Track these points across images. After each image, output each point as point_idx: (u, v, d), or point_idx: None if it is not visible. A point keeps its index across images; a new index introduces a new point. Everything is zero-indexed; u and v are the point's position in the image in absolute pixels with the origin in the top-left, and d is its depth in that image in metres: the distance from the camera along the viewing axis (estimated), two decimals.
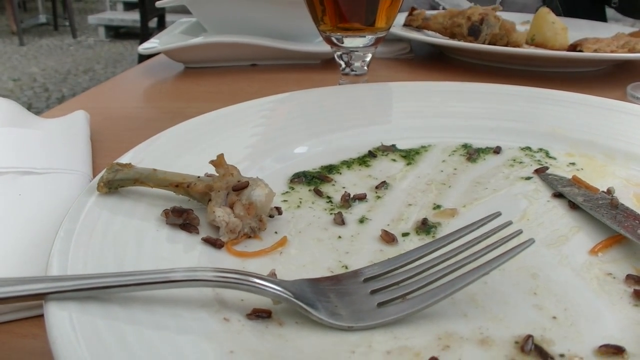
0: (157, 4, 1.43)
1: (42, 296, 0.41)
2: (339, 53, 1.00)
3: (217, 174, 0.58)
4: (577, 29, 1.60)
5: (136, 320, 0.42)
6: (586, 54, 1.32)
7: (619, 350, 0.43)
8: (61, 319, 0.40)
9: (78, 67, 7.87)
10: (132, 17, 9.27)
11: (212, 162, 0.58)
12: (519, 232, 0.50)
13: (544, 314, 0.48)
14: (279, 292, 0.44)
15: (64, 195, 0.65)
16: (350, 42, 0.97)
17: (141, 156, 0.65)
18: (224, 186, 0.57)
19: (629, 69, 1.45)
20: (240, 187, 0.57)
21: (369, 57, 1.00)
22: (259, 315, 0.45)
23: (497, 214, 0.53)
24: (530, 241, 0.48)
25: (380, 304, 0.46)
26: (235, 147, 0.71)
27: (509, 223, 0.52)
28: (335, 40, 0.98)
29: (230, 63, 1.38)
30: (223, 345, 0.41)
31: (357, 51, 0.98)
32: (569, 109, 0.88)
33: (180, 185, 0.58)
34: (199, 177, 0.59)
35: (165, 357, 0.39)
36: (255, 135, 0.76)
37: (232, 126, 0.77)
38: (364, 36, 0.96)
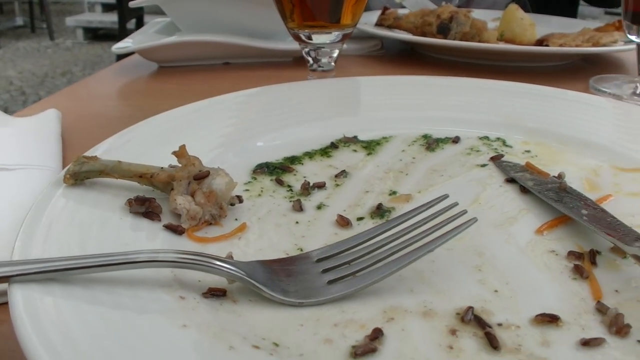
0: (131, 4, 1.44)
1: (6, 279, 0.43)
2: (306, 49, 1.02)
3: (180, 165, 0.60)
4: (546, 25, 1.63)
5: (97, 301, 0.44)
6: (552, 48, 1.35)
7: (553, 318, 0.46)
8: (24, 300, 0.42)
9: (56, 70, 7.82)
10: (111, 19, 9.21)
11: (174, 152, 0.61)
12: (464, 212, 0.53)
13: (486, 288, 0.50)
14: (232, 272, 0.47)
15: (34, 189, 0.67)
16: (317, 38, 0.99)
17: (106, 149, 0.67)
18: (185, 176, 0.59)
19: (594, 63, 1.48)
20: (201, 176, 0.59)
21: (336, 53, 1.02)
22: (214, 293, 0.47)
23: (445, 196, 0.56)
24: (473, 220, 0.51)
25: (331, 282, 0.49)
26: (202, 141, 0.74)
27: (455, 204, 0.54)
28: (303, 37, 1.00)
29: (204, 62, 1.40)
30: (177, 320, 0.43)
31: (323, 47, 1.00)
32: (527, 100, 0.91)
33: (144, 175, 0.60)
34: (162, 168, 0.61)
35: (124, 333, 0.41)
36: (221, 129, 0.78)
37: (199, 121, 0.79)
38: (330, 32, 0.99)
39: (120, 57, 1.45)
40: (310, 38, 0.99)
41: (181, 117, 0.79)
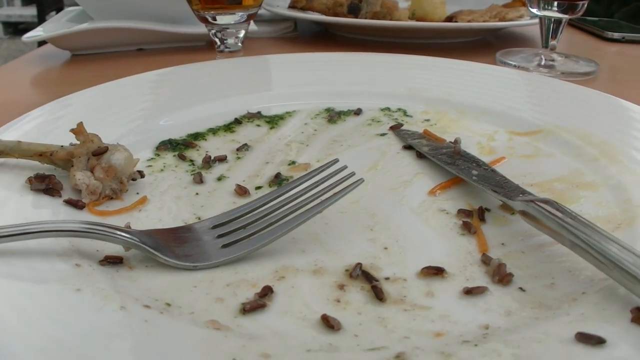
0: None
1: None
2: (213, 31, 1.03)
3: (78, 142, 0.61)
4: (458, 3, 1.66)
5: None
6: (460, 24, 1.38)
7: (439, 270, 0.49)
8: None
9: None
10: (31, 12, 8.90)
11: (72, 130, 0.61)
12: (352, 174, 0.55)
13: (376, 245, 0.53)
14: (126, 239, 0.48)
15: None
16: (221, 19, 1.00)
17: (10, 130, 0.67)
18: (84, 152, 0.60)
19: (502, 38, 1.52)
20: (100, 152, 0.60)
21: (242, 34, 1.03)
22: (111, 261, 0.49)
23: (335, 161, 0.57)
24: (360, 180, 0.53)
25: (225, 245, 0.50)
26: (107, 120, 0.75)
27: (345, 167, 0.56)
28: (209, 19, 1.01)
29: (117, 48, 1.39)
30: (71, 285, 0.44)
31: (228, 28, 1.01)
32: (429, 72, 0.94)
33: (43, 154, 0.61)
34: (62, 146, 0.62)
35: (20, 302, 0.42)
36: (127, 109, 0.79)
37: (106, 102, 0.80)
38: (235, 13, 1.00)
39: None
40: (215, 19, 1.00)
41: (89, 98, 0.80)
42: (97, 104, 0.78)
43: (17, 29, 9.60)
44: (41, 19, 5.32)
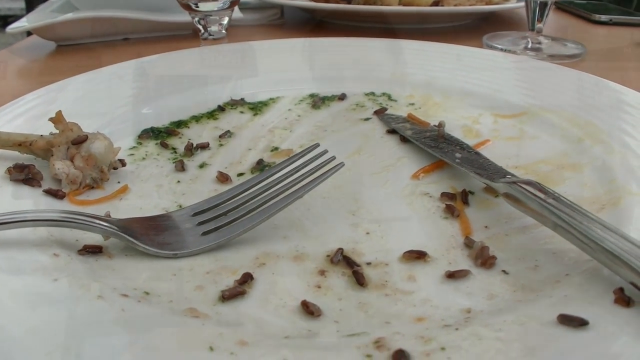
0: None
1: None
2: (196, 18, 1.03)
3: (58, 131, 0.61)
4: None
5: None
6: (445, 8, 1.37)
7: (421, 254, 0.48)
8: None
9: None
10: (20, 5, 8.91)
11: (51, 119, 0.61)
12: (333, 158, 0.54)
13: (358, 230, 0.52)
14: (105, 227, 0.47)
15: None
16: (204, 6, 0.99)
17: None
18: (64, 141, 0.60)
19: (490, 21, 1.51)
20: (79, 140, 0.59)
21: (225, 21, 1.03)
22: (90, 250, 0.48)
23: (316, 145, 0.57)
24: (340, 165, 0.53)
25: (205, 233, 0.50)
26: (90, 109, 0.74)
27: (325, 151, 0.56)
28: (192, 6, 1.00)
29: (102, 39, 1.38)
30: (49, 275, 0.44)
31: (211, 15, 1.01)
32: (414, 56, 0.93)
33: (22, 144, 0.60)
34: (41, 135, 0.61)
35: None
36: (108, 98, 0.78)
37: (89, 90, 0.79)
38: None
39: None
40: (197, 6, 0.99)
41: (71, 87, 0.79)
42: (79, 93, 0.78)
43: (5, 22, 9.50)
44: (30, 11, 5.29)
